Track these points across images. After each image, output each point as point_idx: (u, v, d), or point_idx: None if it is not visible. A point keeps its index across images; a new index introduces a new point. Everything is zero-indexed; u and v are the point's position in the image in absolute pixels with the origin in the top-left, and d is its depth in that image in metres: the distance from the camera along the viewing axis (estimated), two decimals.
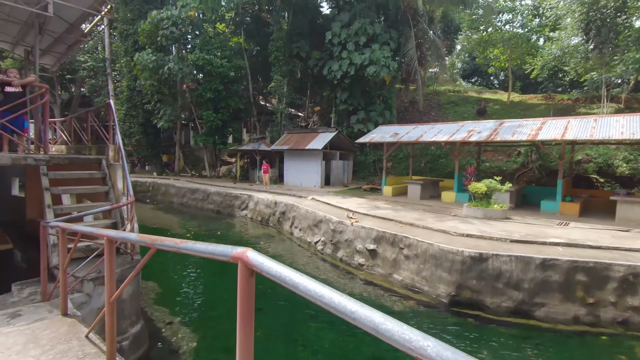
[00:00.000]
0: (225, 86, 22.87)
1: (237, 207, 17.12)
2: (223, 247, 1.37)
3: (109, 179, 6.06)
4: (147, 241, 1.80)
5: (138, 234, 1.94)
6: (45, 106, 4.88)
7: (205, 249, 1.42)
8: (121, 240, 2.01)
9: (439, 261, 7.59)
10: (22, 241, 9.71)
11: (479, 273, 7.08)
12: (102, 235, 2.32)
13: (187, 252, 1.58)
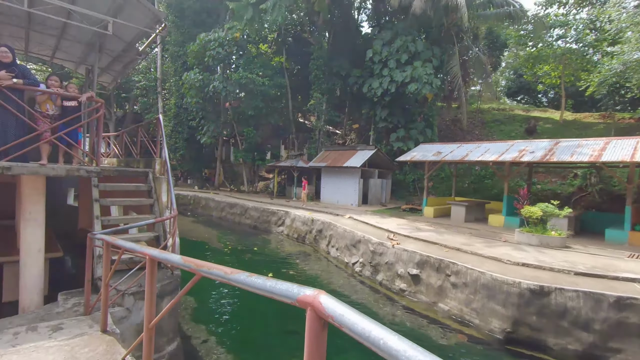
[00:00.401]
0: (265, 104, 23.43)
1: (274, 223, 17.10)
2: (287, 285, 1.11)
3: (154, 192, 6.14)
4: (191, 266, 1.61)
5: (182, 257, 1.75)
6: (100, 120, 5.05)
7: (263, 285, 1.18)
8: (164, 261, 1.82)
9: (492, 292, 6.90)
10: (73, 249, 10.17)
11: (539, 308, 6.32)
12: (144, 254, 2.18)
13: (238, 286, 1.34)
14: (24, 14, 6.14)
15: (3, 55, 4.40)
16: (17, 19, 6.64)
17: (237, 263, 12.04)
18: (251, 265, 11.66)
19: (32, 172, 4.42)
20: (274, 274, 10.54)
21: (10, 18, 6.51)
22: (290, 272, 10.84)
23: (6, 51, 4.43)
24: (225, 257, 12.60)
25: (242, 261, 12.13)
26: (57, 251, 6.48)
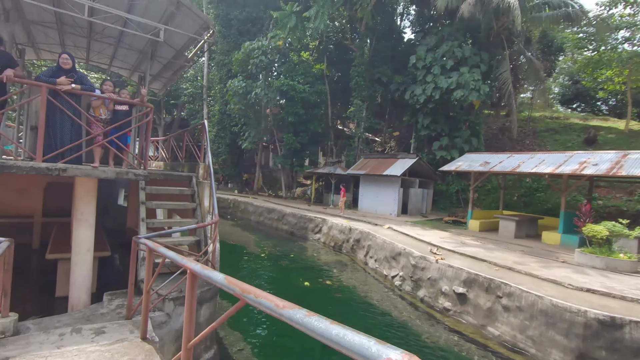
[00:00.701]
0: (305, 111, 23.58)
1: (311, 230, 16.97)
2: (361, 339, 0.84)
3: (197, 196, 6.20)
4: (236, 290, 1.43)
5: (226, 278, 1.58)
6: (149, 125, 5.16)
7: (326, 332, 0.94)
8: (206, 278, 1.67)
9: (551, 319, 6.20)
10: (121, 247, 10.64)
11: (611, 343, 5.56)
12: (186, 267, 2.05)
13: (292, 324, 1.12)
14: (85, 24, 6.53)
15: (64, 62, 4.63)
16: (80, 30, 7.08)
17: (273, 269, 12.01)
18: (287, 272, 11.56)
19: (85, 174, 4.57)
20: (310, 282, 10.35)
21: (74, 29, 6.97)
22: (326, 282, 10.60)
23: (67, 58, 4.66)
24: (262, 263, 12.63)
25: (279, 267, 12.07)
26: (106, 250, 6.72)
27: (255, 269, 11.87)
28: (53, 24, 6.68)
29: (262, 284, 10.21)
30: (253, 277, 10.80)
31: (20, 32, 6.84)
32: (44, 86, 4.32)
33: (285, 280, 10.86)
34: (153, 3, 5.60)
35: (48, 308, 6.12)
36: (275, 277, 11.28)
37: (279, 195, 27.71)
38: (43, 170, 4.32)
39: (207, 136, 6.23)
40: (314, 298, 9.36)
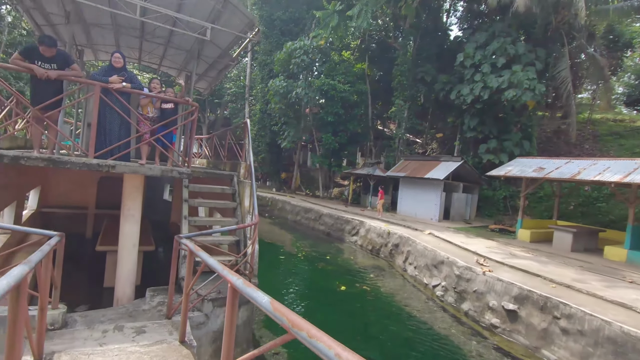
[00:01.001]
0: (345, 110, 23.30)
1: (348, 232, 16.70)
2: None
3: (238, 195, 6.17)
4: (284, 321, 1.23)
5: (272, 303, 1.40)
6: (194, 123, 5.19)
7: None
8: (248, 297, 1.49)
9: (622, 348, 5.49)
10: (165, 241, 11.03)
11: None
12: (227, 280, 1.90)
13: None
14: (138, 24, 6.76)
15: (116, 61, 4.77)
16: (133, 30, 7.36)
17: (309, 270, 11.90)
18: (323, 275, 11.39)
19: (133, 170, 4.67)
20: (347, 287, 10.11)
21: (128, 30, 7.25)
22: (363, 287, 10.29)
23: (119, 57, 4.79)
24: (299, 263, 12.56)
25: (315, 269, 11.94)
26: (151, 245, 6.93)
27: (291, 270, 11.82)
28: (109, 25, 7.00)
29: (298, 286, 10.13)
30: (289, 278, 10.76)
31: (80, 33, 7.25)
32: (97, 84, 4.45)
33: (322, 283, 10.69)
34: (201, 2, 5.64)
35: (96, 298, 6.40)
36: (311, 279, 11.16)
37: (316, 194, 27.68)
38: (94, 166, 4.45)
39: (249, 135, 6.20)
40: (351, 304, 9.10)
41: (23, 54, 4.34)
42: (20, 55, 4.33)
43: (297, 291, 9.83)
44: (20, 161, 4.10)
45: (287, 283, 10.35)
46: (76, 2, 5.35)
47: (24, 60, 4.31)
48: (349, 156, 27.12)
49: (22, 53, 4.34)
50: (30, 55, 4.36)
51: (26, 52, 4.36)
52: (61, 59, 4.54)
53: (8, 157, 4.06)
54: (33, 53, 4.38)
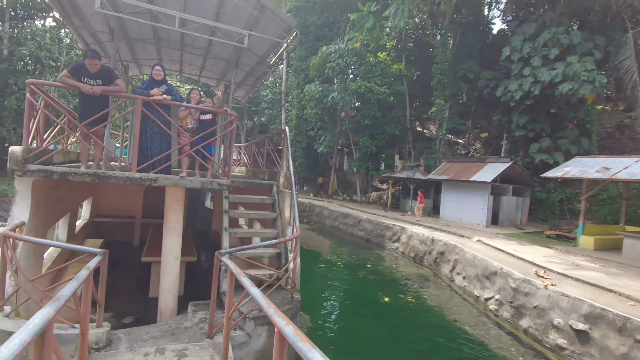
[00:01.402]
0: (382, 112, 22.74)
1: (388, 238, 16.13)
2: None
3: (278, 205, 6.00)
4: None
5: None
6: (233, 133, 5.09)
7: None
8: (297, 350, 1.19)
9: None
10: (207, 249, 11.18)
11: None
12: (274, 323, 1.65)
13: None
14: (178, 37, 6.87)
15: (157, 73, 4.78)
16: (174, 43, 7.50)
17: (349, 279, 11.53)
18: (364, 284, 10.98)
19: (174, 183, 4.63)
20: (390, 298, 9.63)
21: (169, 42, 7.41)
22: (407, 299, 9.75)
23: (159, 69, 4.80)
24: (338, 272, 12.23)
25: (355, 279, 11.55)
26: (193, 255, 6.94)
27: (330, 278, 11.51)
28: (151, 40, 7.18)
29: (338, 296, 9.80)
30: (329, 288, 10.46)
31: (124, 49, 7.52)
32: (139, 98, 4.46)
33: (363, 294, 10.28)
34: (238, 10, 5.58)
35: (142, 308, 6.49)
36: (351, 289, 10.78)
37: (353, 199, 27.24)
38: (137, 180, 4.45)
39: (288, 143, 6.02)
40: (396, 317, 8.61)
41: (71, 71, 4.45)
42: (68, 73, 4.45)
43: (337, 302, 9.51)
44: (68, 177, 4.18)
45: (327, 293, 10.05)
46: (120, 19, 5.48)
47: (72, 77, 4.42)
48: (386, 159, 26.46)
49: (70, 71, 4.46)
50: (77, 72, 4.47)
51: (74, 70, 4.47)
52: (106, 75, 4.61)
53: (57, 173, 4.15)
54: (80, 70, 4.48)
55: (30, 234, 4.35)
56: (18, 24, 24.21)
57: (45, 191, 4.97)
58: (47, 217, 5.11)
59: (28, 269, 4.31)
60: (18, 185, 4.18)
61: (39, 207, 4.58)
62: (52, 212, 5.45)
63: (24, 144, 4.23)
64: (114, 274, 8.07)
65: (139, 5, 4.91)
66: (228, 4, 5.48)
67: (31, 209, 4.29)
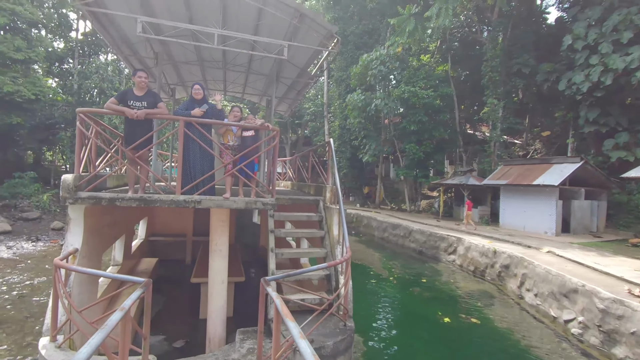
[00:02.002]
0: (429, 117, 21.73)
1: (443, 250, 15.07)
2: None
3: (325, 222, 5.64)
4: None
5: None
6: (275, 149, 4.86)
7: None
8: None
9: None
10: (255, 264, 11.11)
11: None
12: None
13: None
14: (220, 55, 6.91)
15: (196, 93, 4.72)
16: (217, 63, 7.58)
17: (404, 297, 10.79)
18: (421, 302, 10.19)
19: (218, 205, 4.48)
20: (450, 318, 8.78)
21: (212, 62, 7.50)
22: (471, 319, 8.83)
23: (199, 89, 4.75)
24: (391, 288, 11.53)
25: (410, 296, 10.78)
26: (241, 275, 6.79)
27: (383, 296, 10.85)
28: (195, 61, 7.32)
29: (392, 316, 9.13)
30: (381, 306, 9.82)
31: (170, 73, 7.76)
32: (182, 119, 4.39)
33: (420, 313, 9.50)
34: (277, 21, 5.43)
35: (193, 330, 6.41)
36: (407, 308, 10.04)
37: (402, 208, 26.21)
38: (181, 202, 4.35)
39: (333, 156, 5.68)
40: (459, 341, 7.77)
41: (117, 97, 4.55)
42: (115, 99, 4.54)
43: (392, 323, 8.85)
44: (116, 202, 4.18)
45: (380, 312, 9.42)
46: (164, 44, 5.57)
47: (119, 103, 4.49)
48: (435, 165, 25.20)
49: (117, 97, 4.56)
50: (123, 97, 4.56)
51: (120, 96, 4.57)
52: (151, 98, 4.64)
53: (105, 199, 4.16)
54: (126, 95, 4.58)
55: (84, 260, 4.40)
56: (85, 60, 26.85)
57: (99, 216, 5.07)
58: (101, 241, 5.20)
59: (82, 296, 4.34)
60: (71, 212, 4.25)
61: (92, 233, 4.65)
62: (106, 235, 5.57)
63: (75, 171, 4.31)
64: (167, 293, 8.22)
65: (178, 26, 4.94)
66: (266, 16, 5.35)
67: (84, 235, 4.34)
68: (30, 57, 21.24)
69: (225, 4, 5.11)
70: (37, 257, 12.58)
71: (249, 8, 5.13)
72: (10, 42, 20.35)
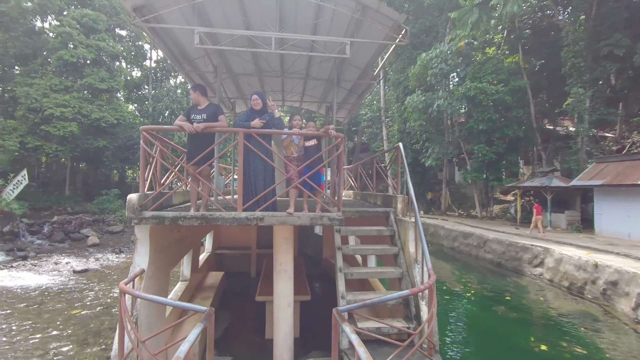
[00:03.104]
0: (499, 114, 19.79)
1: (527, 262, 13.32)
2: None
3: (399, 237, 5.00)
4: None
5: None
6: (340, 157, 4.40)
7: None
8: None
9: None
10: (319, 279, 10.72)
11: None
12: None
13: None
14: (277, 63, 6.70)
15: (255, 103, 4.46)
16: (275, 72, 7.41)
17: (485, 317, 9.53)
18: (507, 325, 8.88)
19: (281, 222, 4.12)
20: (547, 346, 7.45)
21: (270, 72, 7.34)
22: (574, 348, 7.40)
23: (257, 98, 4.49)
24: (469, 306, 10.32)
25: (494, 316, 9.48)
26: (306, 294, 6.39)
27: (461, 315, 9.71)
28: (253, 73, 7.22)
29: (476, 341, 8.04)
30: (461, 329, 8.74)
31: (230, 86, 7.78)
32: (241, 131, 4.14)
33: (508, 338, 8.22)
34: (337, 17, 5.01)
35: (259, 351, 6.13)
36: (492, 331, 8.77)
37: (471, 215, 24.20)
38: (243, 220, 4.06)
39: (404, 162, 5.05)
40: None
41: (184, 114, 4.56)
42: (183, 116, 4.51)
43: (475, 350, 7.76)
44: (178, 222, 4.01)
45: (460, 336, 8.36)
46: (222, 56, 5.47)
47: (185, 118, 4.45)
48: (509, 167, 22.87)
49: (184, 114, 4.58)
50: (188, 113, 4.52)
51: (186, 112, 4.56)
52: (211, 111, 4.51)
53: (168, 218, 4.01)
54: (190, 110, 4.56)
55: (151, 280, 4.31)
56: (158, 85, 29.37)
57: (166, 234, 5.02)
58: (168, 259, 5.15)
59: (149, 318, 4.23)
60: (138, 232, 4.18)
61: (159, 252, 4.57)
62: (174, 252, 5.54)
63: (140, 190, 4.26)
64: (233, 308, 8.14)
65: (234, 33, 4.76)
66: (325, 13, 4.96)
67: (151, 255, 4.25)
68: (112, 86, 23.71)
69: (281, 5, 4.83)
70: (120, 268, 13.59)
71: (306, 6, 4.78)
72: (97, 74, 22.92)
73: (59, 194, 24.83)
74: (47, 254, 15.54)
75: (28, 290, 10.79)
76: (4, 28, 22.92)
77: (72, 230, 18.52)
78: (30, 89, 21.36)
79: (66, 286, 11.26)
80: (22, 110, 21.37)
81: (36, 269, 13.18)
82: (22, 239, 16.76)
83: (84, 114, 21.87)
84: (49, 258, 14.70)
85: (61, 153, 22.34)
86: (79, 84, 22.82)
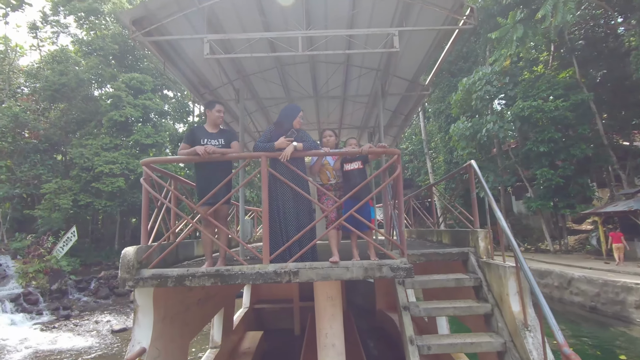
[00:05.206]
0: (562, 133, 17.62)
1: (633, 305, 10.63)
2: None
3: (489, 289, 3.56)
4: None
5: None
6: (399, 182, 3.20)
7: None
8: None
9: None
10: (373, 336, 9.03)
11: None
12: None
13: None
14: (309, 82, 5.86)
15: None
16: (306, 92, 6.52)
17: None
18: None
19: (323, 276, 2.93)
20: None
21: (300, 92, 6.47)
22: None
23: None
24: None
25: None
26: None
27: None
28: (282, 98, 6.42)
29: None
30: None
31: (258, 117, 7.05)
32: (263, 155, 3.13)
33: None
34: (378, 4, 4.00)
35: None
36: None
37: (540, 249, 21.13)
38: (270, 275, 2.92)
39: (483, 183, 3.74)
40: None
41: (187, 139, 3.54)
42: (184, 143, 3.53)
43: None
44: (185, 282, 2.95)
45: None
46: (245, 79, 4.71)
47: (190, 146, 3.45)
48: (580, 191, 19.94)
49: (186, 139, 3.56)
50: (194, 137, 3.51)
51: (189, 136, 3.55)
52: (228, 135, 3.59)
53: (172, 278, 2.98)
54: (197, 134, 3.54)
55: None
56: None
57: (181, 296, 3.97)
58: (185, 328, 4.04)
59: None
60: (138, 298, 3.18)
61: (168, 322, 3.50)
62: (194, 318, 4.42)
63: (142, 242, 3.30)
64: None
65: (253, 37, 3.96)
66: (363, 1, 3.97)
67: (155, 328, 3.19)
68: (157, 140, 24.72)
69: None
70: None
71: None
72: (142, 130, 24.10)
73: (110, 248, 25.38)
74: (89, 311, 15.24)
75: (62, 352, 10.23)
76: (66, 98, 25.21)
77: (117, 285, 18.36)
78: (84, 149, 22.76)
79: (102, 348, 10.58)
80: (75, 170, 22.64)
81: (77, 329, 12.76)
82: (69, 296, 16.74)
83: (131, 169, 22.69)
84: (90, 316, 14.34)
85: (110, 208, 23.04)
86: (126, 141, 24.03)
